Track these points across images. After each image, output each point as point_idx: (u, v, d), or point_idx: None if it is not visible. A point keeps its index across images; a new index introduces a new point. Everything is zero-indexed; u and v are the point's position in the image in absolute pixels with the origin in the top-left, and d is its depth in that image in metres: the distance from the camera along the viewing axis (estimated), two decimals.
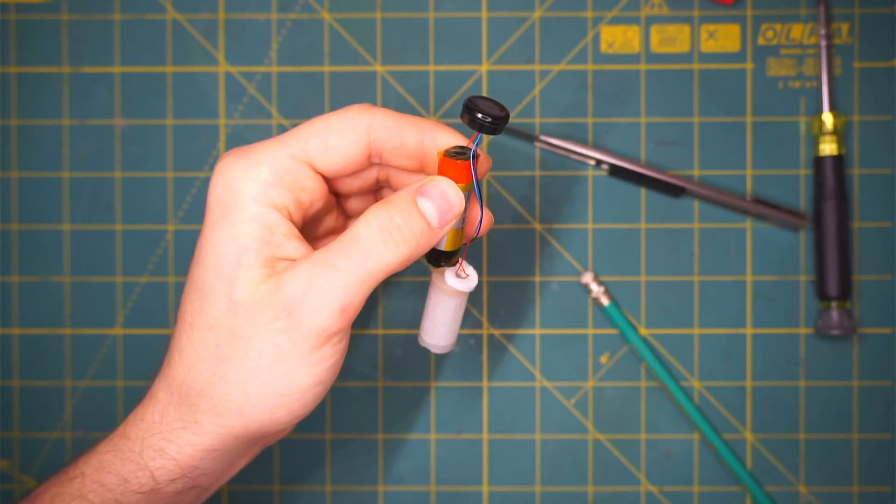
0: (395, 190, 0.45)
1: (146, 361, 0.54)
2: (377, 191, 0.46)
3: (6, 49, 0.55)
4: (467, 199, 0.41)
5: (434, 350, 0.45)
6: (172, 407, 0.41)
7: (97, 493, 0.41)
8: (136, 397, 0.54)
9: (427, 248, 0.40)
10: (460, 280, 0.43)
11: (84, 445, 0.54)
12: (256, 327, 0.39)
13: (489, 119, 0.39)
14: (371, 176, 0.44)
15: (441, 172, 0.41)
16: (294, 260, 0.40)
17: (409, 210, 0.39)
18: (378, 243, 0.39)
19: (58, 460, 0.54)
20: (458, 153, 0.41)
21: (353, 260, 0.39)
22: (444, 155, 0.41)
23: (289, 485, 0.54)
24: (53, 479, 0.42)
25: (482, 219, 0.42)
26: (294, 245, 0.40)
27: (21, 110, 0.55)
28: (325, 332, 0.39)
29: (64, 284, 0.54)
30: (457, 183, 0.40)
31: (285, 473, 0.54)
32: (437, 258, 0.43)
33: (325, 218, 0.45)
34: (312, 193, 0.41)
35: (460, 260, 0.44)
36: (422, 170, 0.43)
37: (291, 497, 0.54)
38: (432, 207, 0.40)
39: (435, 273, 0.44)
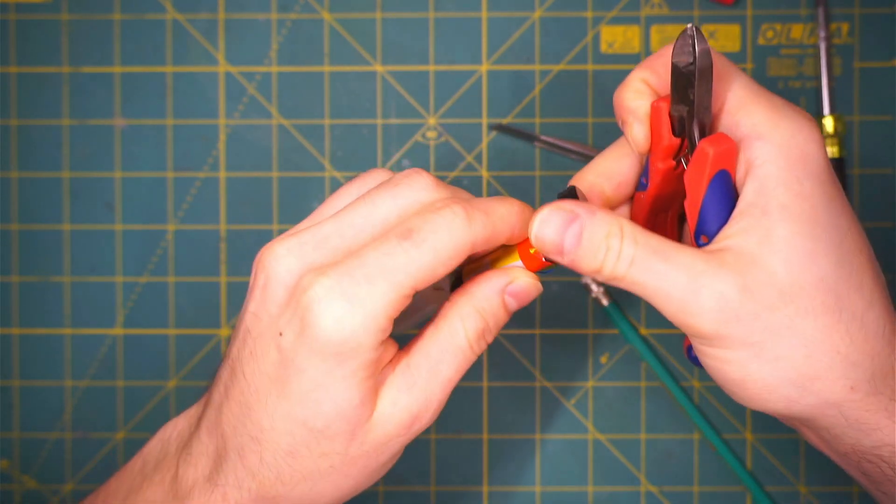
0: None
1: (146, 361, 0.54)
2: None
3: (6, 49, 0.55)
4: None
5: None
6: None
7: None
8: (136, 397, 0.54)
9: None
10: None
11: (84, 445, 0.54)
12: (379, 445, 0.40)
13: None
14: None
15: (526, 258, 0.41)
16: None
17: (499, 312, 0.40)
18: (476, 346, 0.40)
19: (58, 460, 0.54)
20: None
21: (458, 368, 0.40)
22: (534, 252, 0.40)
23: None
24: None
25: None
26: (391, 350, 0.40)
27: (21, 110, 0.55)
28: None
29: (64, 284, 0.55)
30: (528, 269, 0.41)
31: None
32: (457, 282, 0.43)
33: None
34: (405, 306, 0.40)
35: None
36: None
37: None
38: (516, 304, 0.40)
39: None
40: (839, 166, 0.53)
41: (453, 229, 0.38)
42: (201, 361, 0.54)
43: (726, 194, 0.39)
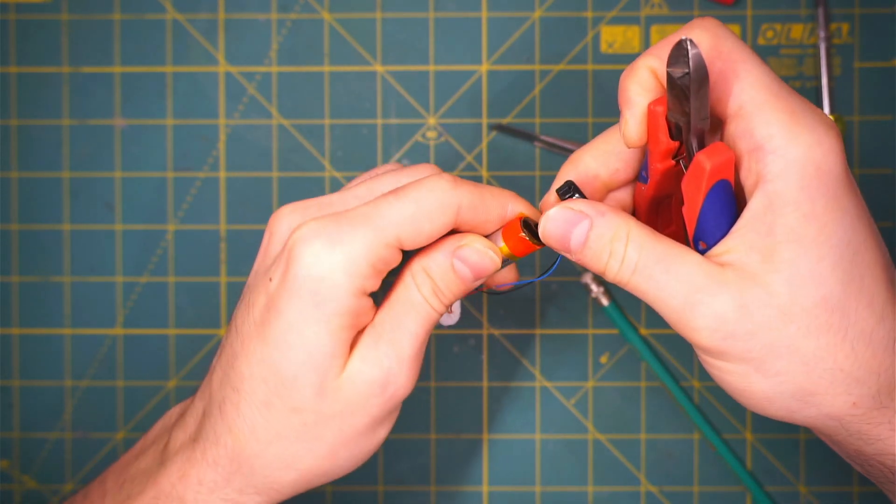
0: None
1: (146, 361, 0.54)
2: None
3: (6, 49, 0.55)
4: (505, 264, 0.42)
5: None
6: (240, 476, 0.41)
7: None
8: (136, 397, 0.54)
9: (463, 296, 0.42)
10: (447, 315, 0.44)
11: (84, 445, 0.54)
12: (351, 405, 0.40)
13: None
14: None
15: (507, 234, 0.41)
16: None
17: (447, 275, 0.40)
18: (432, 302, 0.40)
19: (58, 460, 0.54)
20: (535, 234, 0.40)
21: (422, 322, 0.40)
22: (521, 226, 0.40)
23: None
24: None
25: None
26: (371, 314, 0.40)
27: (21, 110, 0.55)
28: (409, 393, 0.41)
29: (64, 284, 0.55)
30: (512, 251, 0.41)
31: None
32: None
33: None
34: (392, 266, 0.40)
35: None
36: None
37: (291, 497, 0.54)
38: (468, 270, 0.40)
39: None
40: None
41: (437, 189, 0.39)
42: (201, 361, 0.54)
43: (726, 204, 0.39)
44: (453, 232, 0.41)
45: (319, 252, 0.38)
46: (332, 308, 0.38)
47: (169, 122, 0.54)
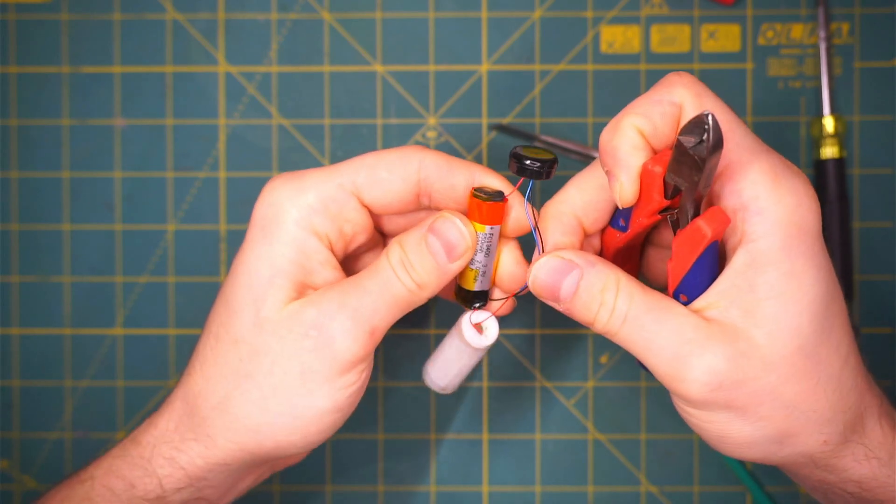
0: None
1: (146, 361, 0.54)
2: None
3: (6, 49, 0.55)
4: (492, 238, 0.41)
5: (430, 386, 0.46)
6: (186, 417, 0.42)
7: (104, 498, 0.41)
8: (136, 397, 0.54)
9: (443, 281, 0.41)
10: (475, 333, 0.44)
11: (84, 445, 0.54)
12: (284, 344, 0.40)
13: (538, 164, 0.40)
14: (419, 219, 0.45)
15: (469, 211, 0.41)
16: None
17: (418, 248, 0.40)
18: (400, 274, 0.40)
19: (58, 460, 0.54)
20: (490, 195, 0.41)
21: (381, 285, 0.40)
22: (473, 194, 0.41)
23: (288, 485, 0.54)
24: (65, 483, 0.43)
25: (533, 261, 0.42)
26: (329, 273, 0.41)
27: (21, 110, 0.55)
28: (354, 356, 0.40)
29: (64, 284, 0.55)
30: (486, 223, 0.41)
31: (285, 474, 0.54)
32: (457, 292, 0.44)
33: (368, 255, 0.46)
34: (356, 226, 0.42)
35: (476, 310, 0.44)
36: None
37: (291, 497, 0.54)
38: (439, 245, 0.40)
39: (462, 316, 0.44)
40: (839, 167, 0.53)
41: (401, 148, 0.42)
42: None
43: (713, 263, 0.40)
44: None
45: (277, 187, 0.41)
46: (277, 236, 0.40)
47: (169, 122, 0.54)
